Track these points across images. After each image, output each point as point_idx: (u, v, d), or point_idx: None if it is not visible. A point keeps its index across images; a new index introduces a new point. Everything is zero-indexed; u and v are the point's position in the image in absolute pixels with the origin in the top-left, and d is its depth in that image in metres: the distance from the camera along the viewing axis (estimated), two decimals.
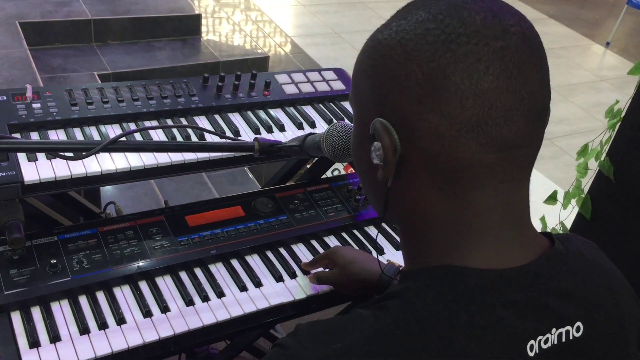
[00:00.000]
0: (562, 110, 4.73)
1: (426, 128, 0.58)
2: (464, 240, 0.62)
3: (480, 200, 0.60)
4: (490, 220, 0.61)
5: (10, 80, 2.84)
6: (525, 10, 6.85)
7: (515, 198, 0.62)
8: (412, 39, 0.59)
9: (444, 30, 0.57)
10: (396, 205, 0.66)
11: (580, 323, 0.63)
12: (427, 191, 0.62)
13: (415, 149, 0.60)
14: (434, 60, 0.57)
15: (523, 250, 0.63)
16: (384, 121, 0.61)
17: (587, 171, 1.91)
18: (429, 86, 0.57)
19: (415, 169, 0.61)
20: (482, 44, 0.57)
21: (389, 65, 0.60)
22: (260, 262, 1.30)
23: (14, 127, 1.22)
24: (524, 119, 0.58)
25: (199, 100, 1.42)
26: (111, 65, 3.53)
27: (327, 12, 5.89)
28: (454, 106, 0.56)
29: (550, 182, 3.67)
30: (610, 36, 6.10)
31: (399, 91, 0.59)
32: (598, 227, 1.82)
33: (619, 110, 1.80)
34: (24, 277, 1.13)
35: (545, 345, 0.60)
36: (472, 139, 0.57)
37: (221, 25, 4.80)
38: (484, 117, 0.57)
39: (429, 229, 0.63)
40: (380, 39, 0.62)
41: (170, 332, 1.11)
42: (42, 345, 1.05)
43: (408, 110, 0.59)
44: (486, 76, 0.56)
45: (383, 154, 0.61)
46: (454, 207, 0.61)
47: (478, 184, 0.60)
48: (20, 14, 3.52)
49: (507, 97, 0.57)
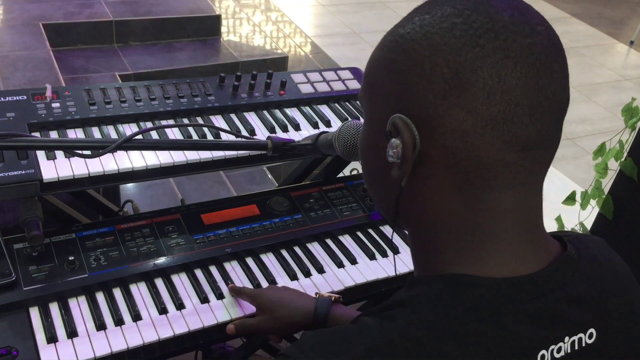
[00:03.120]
0: (584, 110, 4.66)
1: (450, 124, 0.57)
2: (477, 245, 0.60)
3: (497, 202, 0.59)
4: (505, 223, 0.60)
5: (33, 80, 2.88)
6: (548, 8, 6.79)
7: (531, 202, 0.61)
8: (438, 33, 0.57)
9: (471, 25, 0.56)
10: (408, 207, 0.64)
11: (593, 329, 0.61)
12: (443, 191, 0.60)
13: (436, 146, 0.58)
14: (461, 54, 0.56)
15: (535, 256, 0.62)
16: (403, 117, 0.59)
17: (607, 171, 1.88)
18: (455, 81, 0.56)
19: (433, 168, 0.59)
20: (511, 40, 0.56)
21: (413, 59, 0.58)
22: (275, 260, 1.31)
23: (33, 126, 1.25)
24: (548, 119, 0.58)
25: (215, 100, 1.43)
26: (132, 66, 3.56)
27: (347, 12, 5.88)
28: (481, 102, 0.55)
29: (572, 182, 3.62)
30: (634, 35, 6.00)
31: (423, 85, 0.57)
32: (620, 227, 1.80)
33: (637, 108, 1.77)
34: (43, 273, 1.15)
35: (558, 355, 0.59)
36: (497, 136, 0.56)
37: (241, 25, 4.82)
38: (510, 115, 0.56)
39: (442, 233, 0.62)
40: (402, 33, 0.60)
41: (185, 329, 1.12)
42: (60, 340, 1.06)
43: (431, 106, 0.57)
44: (514, 73, 0.55)
45: (401, 151, 0.59)
46: (469, 208, 0.60)
47: (498, 184, 0.58)
48: (44, 16, 3.58)
49: (533, 95, 0.56)
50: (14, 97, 1.28)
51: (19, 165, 1.14)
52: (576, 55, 5.53)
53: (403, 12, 0.65)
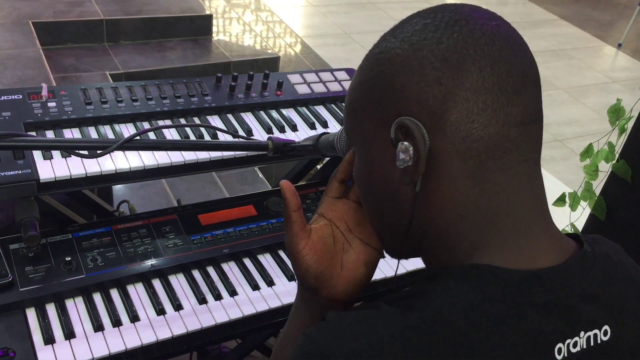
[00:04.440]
0: (573, 112, 4.70)
1: (453, 108, 0.59)
2: (495, 234, 0.61)
3: (509, 181, 0.61)
4: (519, 203, 0.61)
5: (23, 79, 2.86)
6: (536, 11, 6.84)
7: (536, 180, 0.64)
8: (415, 34, 0.61)
9: (441, 20, 0.61)
10: (423, 213, 0.64)
11: (608, 327, 0.62)
12: (458, 182, 0.61)
13: (444, 136, 0.59)
14: (442, 42, 0.60)
15: (553, 250, 0.63)
16: (407, 117, 0.60)
17: (598, 173, 1.89)
18: (445, 66, 0.59)
19: (446, 161, 0.60)
20: (480, 24, 0.61)
21: (399, 62, 0.61)
22: (273, 261, 1.30)
23: (29, 125, 1.24)
24: (533, 91, 0.62)
25: (212, 100, 1.42)
26: (123, 65, 3.54)
27: (338, 12, 5.89)
28: (475, 77, 0.58)
29: (561, 183, 3.65)
30: (622, 37, 6.06)
31: (416, 81, 0.60)
32: (612, 228, 1.81)
33: (623, 109, 1.79)
34: (39, 274, 1.14)
35: (574, 349, 0.59)
36: (498, 108, 0.59)
37: (232, 25, 4.81)
38: (504, 84, 0.59)
39: (459, 226, 0.62)
40: (378, 50, 0.64)
41: (183, 330, 1.12)
42: (57, 341, 1.06)
43: (430, 97, 0.59)
44: (494, 47, 0.60)
45: (413, 151, 0.60)
46: (485, 195, 0.61)
47: (507, 162, 0.60)
48: (33, 14, 3.54)
49: (516, 66, 0.60)
50: (10, 96, 1.27)
51: (16, 165, 1.13)
52: (564, 58, 5.57)
53: (393, 13, 0.68)
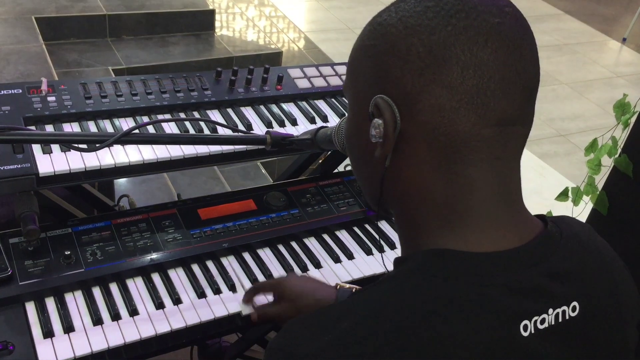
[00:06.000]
0: (577, 107, 4.68)
1: (427, 100, 0.60)
2: (458, 220, 0.63)
3: (475, 176, 0.62)
4: (484, 198, 0.62)
5: (26, 74, 2.86)
6: (541, 5, 6.81)
7: (509, 176, 0.64)
8: (412, 16, 0.61)
9: (443, 7, 0.60)
10: (392, 187, 0.67)
11: (577, 303, 0.63)
12: (425, 168, 0.63)
13: (415, 123, 0.61)
14: (434, 33, 0.59)
15: (517, 232, 0.64)
16: (384, 97, 0.62)
17: (600, 168, 1.89)
18: (430, 58, 0.59)
19: (414, 145, 0.62)
20: (481, 19, 0.59)
21: (390, 41, 0.62)
22: (272, 255, 1.30)
23: (29, 119, 1.24)
24: (520, 94, 0.61)
25: (212, 94, 1.42)
26: (125, 60, 3.54)
27: (341, 7, 5.88)
28: (455, 77, 0.58)
29: (565, 179, 3.64)
30: (626, 32, 6.03)
31: (400, 65, 0.61)
32: (614, 223, 1.81)
33: (629, 104, 1.78)
34: (39, 268, 1.15)
35: (542, 326, 0.60)
36: (471, 110, 0.59)
37: (235, 20, 4.80)
38: (484, 88, 0.59)
39: (424, 210, 0.64)
40: (379, 21, 0.65)
41: (182, 324, 1.12)
42: (56, 335, 1.06)
43: (409, 84, 0.60)
44: (485, 48, 0.59)
45: (383, 130, 0.62)
46: (449, 184, 0.62)
47: (476, 158, 0.61)
48: (36, 9, 3.55)
49: (504, 70, 0.59)
50: (10, 90, 1.27)
51: (15, 159, 1.13)
52: (569, 52, 5.55)
53: None
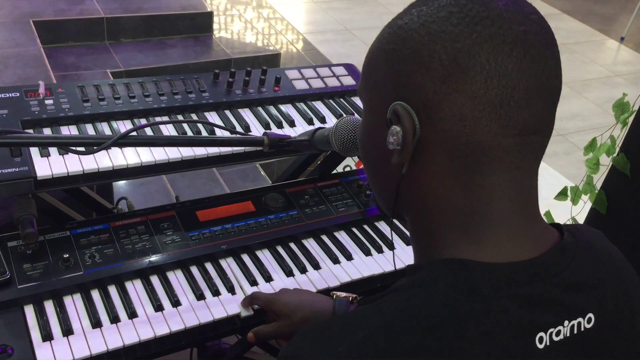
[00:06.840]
0: (575, 106, 4.69)
1: (449, 109, 0.58)
2: (475, 230, 0.61)
3: (494, 186, 0.60)
4: (502, 208, 0.61)
5: (24, 78, 2.86)
6: (538, 5, 6.77)
7: (528, 187, 0.63)
8: (436, 22, 0.59)
9: (467, 14, 0.58)
10: (408, 194, 0.65)
11: (592, 314, 0.62)
12: (443, 177, 0.61)
13: (435, 131, 0.60)
14: (459, 41, 0.58)
15: (533, 242, 0.63)
16: (404, 104, 0.61)
17: (599, 167, 1.89)
18: (454, 66, 0.58)
19: (433, 154, 0.61)
20: (506, 28, 0.58)
21: (412, 47, 0.60)
22: (271, 257, 1.30)
23: (26, 123, 1.24)
24: (542, 104, 0.60)
25: (209, 96, 1.42)
26: (124, 63, 3.54)
27: (339, 8, 5.88)
28: (479, 86, 0.57)
29: (564, 178, 3.64)
30: (624, 31, 6.03)
31: (422, 73, 0.59)
32: (613, 222, 1.81)
33: (628, 103, 1.78)
34: (37, 271, 1.15)
35: (557, 338, 0.60)
36: (494, 120, 0.58)
37: (233, 22, 4.80)
38: (507, 98, 0.57)
39: (440, 218, 0.63)
40: (400, 24, 0.63)
41: (181, 326, 1.12)
42: (55, 338, 1.06)
43: (431, 91, 0.59)
44: (510, 58, 0.57)
45: (402, 138, 0.61)
46: (468, 193, 0.61)
47: (495, 169, 0.60)
48: (34, 12, 3.55)
49: (528, 80, 0.58)
50: (7, 93, 1.27)
51: (13, 163, 1.13)
52: (567, 52, 5.55)
53: (395, 9, 0.66)
